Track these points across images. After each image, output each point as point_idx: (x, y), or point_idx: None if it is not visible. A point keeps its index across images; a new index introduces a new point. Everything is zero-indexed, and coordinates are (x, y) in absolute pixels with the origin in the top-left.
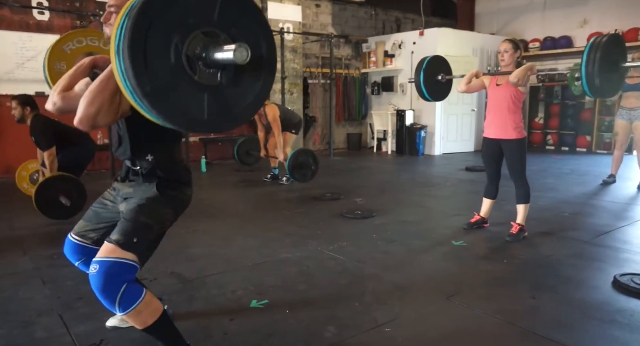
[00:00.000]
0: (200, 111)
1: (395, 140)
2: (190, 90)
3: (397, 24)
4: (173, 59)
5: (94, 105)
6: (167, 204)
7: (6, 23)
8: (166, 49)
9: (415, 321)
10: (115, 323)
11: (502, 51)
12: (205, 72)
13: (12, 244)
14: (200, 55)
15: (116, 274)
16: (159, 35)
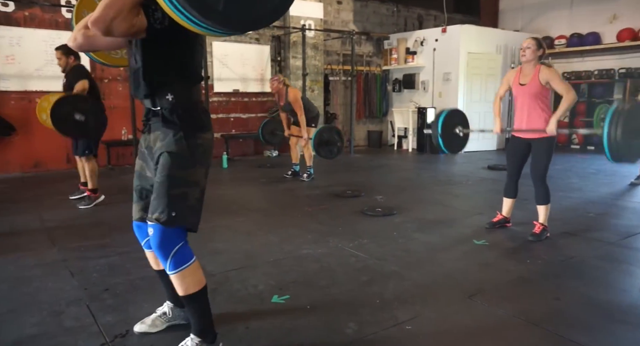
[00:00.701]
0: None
1: (416, 138)
2: None
3: (419, 20)
4: None
5: (113, 8)
6: (195, 162)
7: (37, 21)
8: None
9: (436, 320)
10: (144, 329)
11: (524, 47)
12: None
13: (42, 236)
14: None
15: (168, 237)
16: None
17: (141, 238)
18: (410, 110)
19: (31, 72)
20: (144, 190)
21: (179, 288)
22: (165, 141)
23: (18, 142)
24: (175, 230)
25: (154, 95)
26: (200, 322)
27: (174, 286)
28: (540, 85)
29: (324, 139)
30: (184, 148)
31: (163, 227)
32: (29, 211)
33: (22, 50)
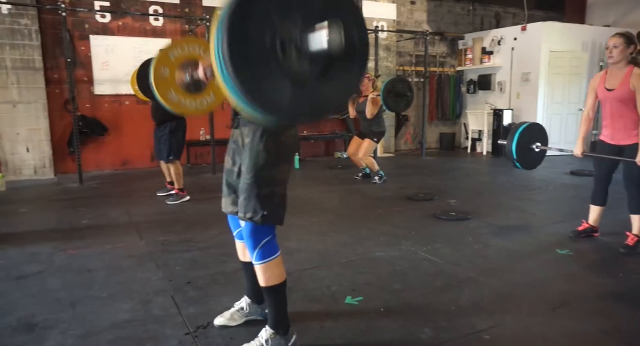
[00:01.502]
0: (281, 98)
1: (491, 140)
2: (276, 74)
3: (496, 19)
4: (268, 40)
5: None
6: (280, 160)
7: (128, 30)
8: (262, 28)
9: (517, 331)
10: (223, 322)
11: (610, 47)
12: (296, 60)
13: (130, 229)
14: (294, 40)
15: (258, 231)
16: (259, 13)
17: (234, 228)
18: (486, 112)
19: (121, 77)
20: (232, 185)
21: (261, 279)
22: (252, 139)
23: (109, 142)
24: (262, 227)
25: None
26: (276, 314)
27: (258, 276)
28: (631, 90)
29: (394, 89)
30: (270, 147)
31: (252, 224)
32: (119, 206)
33: (115, 56)
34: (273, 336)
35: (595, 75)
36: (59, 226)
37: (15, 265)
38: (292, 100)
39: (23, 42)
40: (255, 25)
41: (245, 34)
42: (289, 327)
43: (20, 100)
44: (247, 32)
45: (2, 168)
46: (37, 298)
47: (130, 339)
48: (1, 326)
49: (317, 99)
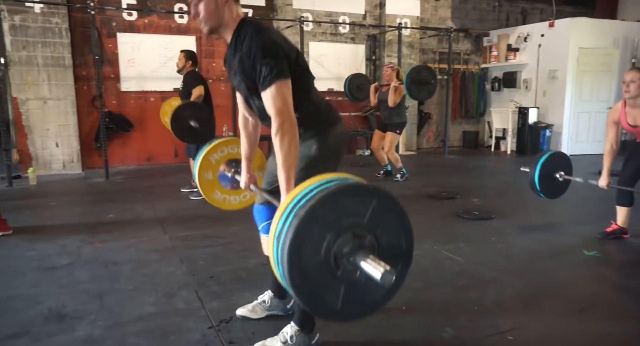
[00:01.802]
0: (335, 301)
1: (515, 139)
2: (330, 282)
3: (523, 15)
4: (322, 256)
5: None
6: (329, 157)
7: (154, 27)
8: (318, 248)
9: (542, 333)
10: (244, 313)
11: (627, 81)
12: (348, 269)
13: (155, 224)
14: (346, 256)
15: None
16: (316, 233)
17: (259, 221)
18: (510, 110)
19: (147, 74)
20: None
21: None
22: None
23: (134, 138)
24: None
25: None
26: (302, 312)
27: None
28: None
29: (417, 77)
30: (320, 150)
31: None
32: (144, 200)
33: (141, 54)
34: (298, 333)
35: (613, 108)
36: (87, 219)
37: (46, 257)
38: (344, 301)
39: (54, 40)
40: (311, 247)
41: (302, 256)
42: (314, 325)
43: (50, 97)
44: (304, 254)
45: (33, 163)
46: (67, 289)
47: (155, 331)
48: (34, 315)
49: (368, 294)
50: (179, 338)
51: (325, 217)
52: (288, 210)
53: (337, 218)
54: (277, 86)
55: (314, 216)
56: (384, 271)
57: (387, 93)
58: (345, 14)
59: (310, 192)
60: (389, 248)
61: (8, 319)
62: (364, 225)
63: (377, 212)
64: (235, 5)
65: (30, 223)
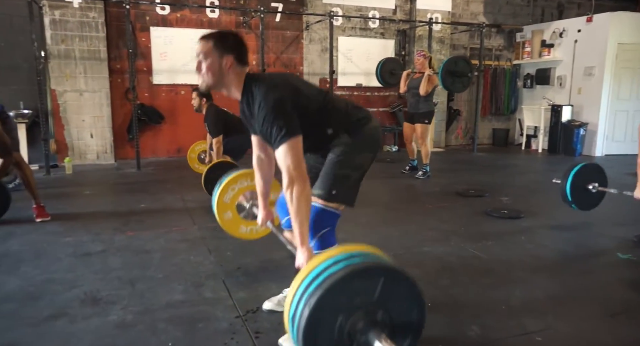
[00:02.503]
0: None
1: (547, 137)
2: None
3: (559, 10)
4: (336, 335)
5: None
6: (363, 149)
7: (186, 21)
8: (332, 328)
9: (571, 335)
10: (271, 307)
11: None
12: (362, 342)
13: (184, 214)
14: (359, 333)
15: (320, 218)
16: (328, 317)
17: (282, 215)
18: (543, 107)
19: (179, 67)
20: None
21: None
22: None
23: (165, 130)
24: (329, 213)
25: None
26: None
27: None
28: None
29: (456, 67)
30: (355, 142)
31: (319, 206)
32: (174, 191)
33: (173, 47)
34: None
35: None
36: (119, 208)
37: (81, 243)
38: None
39: (90, 34)
40: (324, 331)
41: (317, 339)
42: None
43: (86, 89)
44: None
45: (69, 153)
46: (101, 274)
47: (184, 318)
48: (71, 298)
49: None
50: (206, 326)
51: (335, 302)
52: (298, 296)
53: (347, 300)
54: (287, 145)
55: (324, 303)
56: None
57: (418, 80)
58: (375, 9)
59: (319, 275)
60: (400, 320)
61: (47, 301)
62: (374, 302)
63: (387, 287)
64: (240, 68)
65: (67, 210)
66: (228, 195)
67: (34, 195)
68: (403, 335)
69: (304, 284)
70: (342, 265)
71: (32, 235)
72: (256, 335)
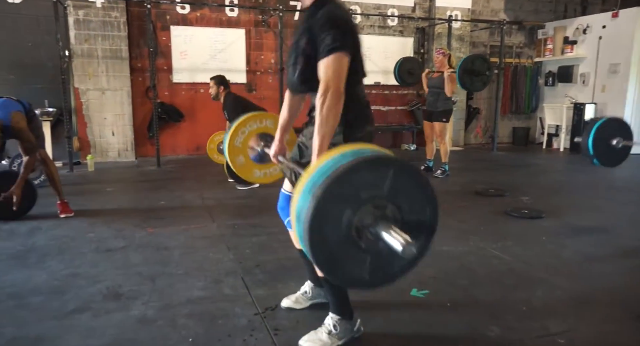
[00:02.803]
0: (363, 272)
1: (569, 136)
2: (355, 254)
3: (582, 5)
4: (344, 230)
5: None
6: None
7: (205, 20)
8: (339, 222)
9: (594, 338)
10: (289, 305)
11: None
12: (372, 239)
13: (203, 212)
14: (368, 228)
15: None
16: (335, 209)
17: (284, 216)
18: (565, 105)
19: (198, 66)
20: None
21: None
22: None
23: (184, 128)
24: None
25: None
26: (337, 301)
27: (315, 267)
28: None
29: (472, 67)
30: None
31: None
32: (193, 189)
33: (193, 46)
34: (339, 321)
35: None
36: (140, 205)
37: (104, 239)
38: (372, 270)
39: (112, 33)
40: (331, 224)
41: (322, 232)
42: (352, 312)
43: (108, 88)
44: (325, 231)
45: (91, 150)
46: (122, 270)
47: (204, 314)
48: (94, 292)
49: (395, 260)
50: (226, 323)
51: (342, 193)
52: (307, 189)
53: (354, 192)
54: (336, 56)
55: (331, 194)
56: (405, 244)
57: (438, 79)
58: (394, 7)
59: (327, 169)
60: (412, 218)
61: (72, 295)
62: (384, 195)
63: (396, 181)
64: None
65: (89, 207)
66: (239, 139)
67: (58, 192)
68: (415, 234)
69: (311, 179)
70: (350, 158)
71: (57, 231)
72: (275, 332)
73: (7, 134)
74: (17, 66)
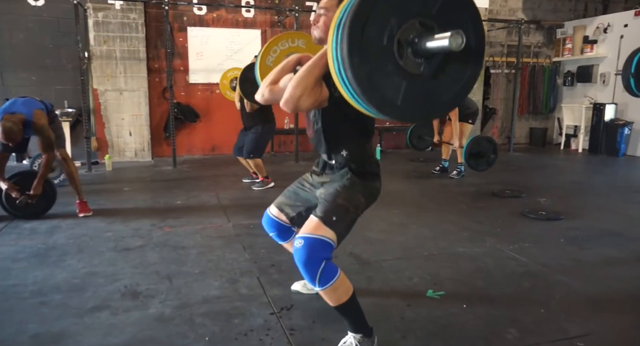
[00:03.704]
0: (396, 96)
1: (588, 137)
2: (392, 73)
3: (603, 4)
4: (385, 41)
5: (299, 87)
6: (360, 191)
7: (222, 21)
8: (381, 30)
9: (615, 342)
10: (298, 288)
11: None
12: (412, 59)
13: (219, 212)
14: (412, 42)
15: (317, 250)
16: (378, 15)
17: (269, 230)
18: (584, 106)
19: (214, 67)
20: (299, 196)
21: (331, 302)
22: (338, 176)
23: (200, 128)
24: (325, 242)
25: (331, 152)
26: (357, 322)
27: (326, 300)
28: None
29: (475, 151)
30: (355, 182)
31: (313, 237)
32: (209, 189)
33: (209, 47)
34: (361, 340)
35: None
36: (157, 205)
37: (121, 238)
38: (405, 98)
39: (130, 34)
40: (374, 27)
41: (363, 36)
42: (371, 329)
43: (126, 88)
44: (366, 34)
45: (109, 150)
46: (140, 269)
47: (220, 314)
48: (113, 291)
49: (431, 97)
50: (242, 322)
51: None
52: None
53: (403, 2)
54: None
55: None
56: (451, 34)
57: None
58: None
59: None
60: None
61: (91, 293)
62: (432, 15)
63: (447, 3)
64: None
65: (107, 206)
66: (270, 58)
67: (78, 191)
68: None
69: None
70: None
71: (76, 230)
72: (291, 332)
73: (28, 130)
74: (38, 68)
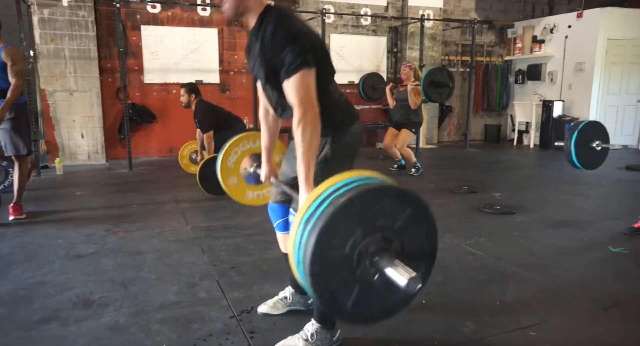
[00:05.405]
0: (347, 299)
1: (539, 133)
2: (346, 279)
3: (549, 6)
4: (347, 250)
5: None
6: (341, 159)
7: (177, 20)
8: (346, 240)
9: (565, 329)
10: (266, 310)
11: None
12: (367, 270)
13: (177, 215)
14: (370, 256)
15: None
16: (347, 226)
17: (274, 219)
18: (534, 103)
19: (170, 66)
20: (286, 175)
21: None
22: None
23: (157, 129)
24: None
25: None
26: (323, 312)
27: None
28: None
29: (434, 80)
30: (333, 152)
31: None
32: (166, 191)
33: (164, 46)
34: (319, 330)
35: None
36: (111, 209)
37: (73, 245)
38: (354, 303)
39: (80, 33)
40: (339, 238)
41: (328, 245)
42: (335, 323)
43: (76, 89)
44: (329, 246)
45: (60, 153)
46: (93, 276)
47: (179, 319)
48: (63, 301)
49: (380, 304)
50: (201, 327)
51: (361, 211)
52: (323, 197)
53: (371, 216)
54: (301, 74)
55: (353, 207)
56: (410, 278)
57: (405, 93)
58: (367, 6)
59: (351, 183)
60: (410, 259)
61: (39, 304)
62: (395, 230)
63: (411, 220)
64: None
65: (58, 212)
66: (231, 159)
67: (19, 193)
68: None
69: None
70: (376, 181)
71: (23, 237)
72: (251, 335)
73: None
74: None
